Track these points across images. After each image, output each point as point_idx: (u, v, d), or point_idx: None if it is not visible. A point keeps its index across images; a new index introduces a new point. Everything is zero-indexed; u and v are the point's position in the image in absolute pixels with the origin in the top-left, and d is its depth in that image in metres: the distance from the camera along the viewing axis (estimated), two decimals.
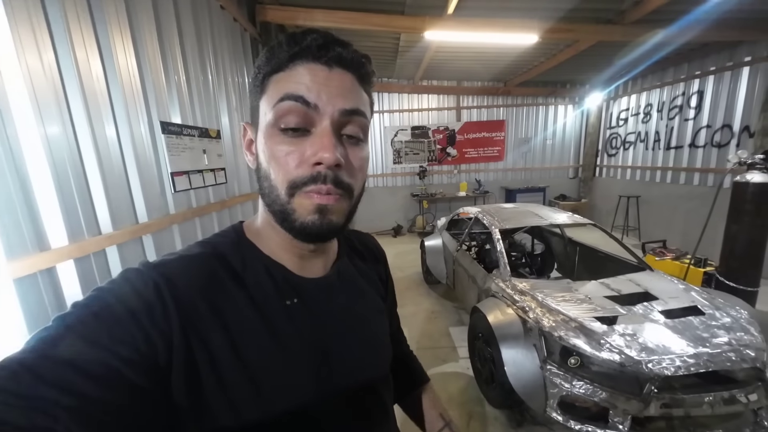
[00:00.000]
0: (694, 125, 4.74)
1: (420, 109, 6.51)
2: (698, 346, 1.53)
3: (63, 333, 0.30)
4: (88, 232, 1.36)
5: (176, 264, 0.39)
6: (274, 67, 0.39)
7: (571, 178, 7.24)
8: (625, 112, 6.10)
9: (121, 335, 0.31)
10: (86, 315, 0.32)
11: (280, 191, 0.38)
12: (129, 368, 0.30)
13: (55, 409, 0.26)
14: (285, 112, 0.37)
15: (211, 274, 0.40)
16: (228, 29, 2.73)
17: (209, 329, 0.37)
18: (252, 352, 0.38)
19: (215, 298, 0.38)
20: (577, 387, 1.57)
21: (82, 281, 1.31)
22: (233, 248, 0.43)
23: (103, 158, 1.44)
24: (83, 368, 0.29)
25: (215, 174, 2.35)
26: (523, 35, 3.50)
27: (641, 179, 5.72)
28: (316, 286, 0.46)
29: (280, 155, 0.38)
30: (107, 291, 0.34)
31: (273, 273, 0.43)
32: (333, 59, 0.39)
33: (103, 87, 1.47)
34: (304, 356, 0.42)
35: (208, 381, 0.36)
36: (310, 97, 0.37)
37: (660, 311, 1.78)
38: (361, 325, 0.50)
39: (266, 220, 0.44)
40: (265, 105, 0.39)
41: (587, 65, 5.28)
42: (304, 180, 0.37)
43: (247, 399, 0.37)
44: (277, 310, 0.42)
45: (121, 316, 0.32)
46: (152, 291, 0.35)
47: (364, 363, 0.48)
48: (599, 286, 2.10)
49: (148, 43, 1.76)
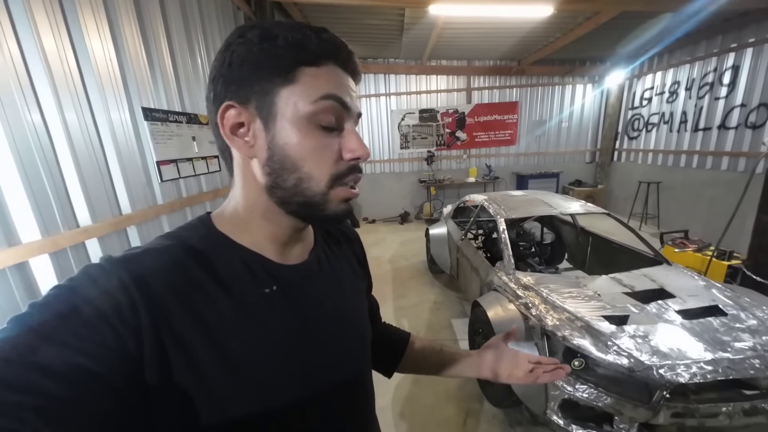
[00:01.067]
0: (726, 104, 4.35)
1: (428, 91, 6.23)
2: (717, 350, 1.39)
3: (21, 333, 0.29)
4: (63, 225, 1.31)
5: (142, 258, 0.37)
6: (303, 57, 0.38)
7: (587, 162, 6.89)
8: (649, 91, 5.67)
9: (85, 333, 0.30)
10: (47, 314, 0.30)
11: (319, 183, 0.39)
12: (98, 366, 0.29)
13: (20, 412, 0.25)
14: (326, 109, 0.38)
15: (180, 267, 0.38)
16: (219, 8, 2.59)
17: (183, 322, 0.35)
18: (230, 342, 0.37)
19: (186, 289, 0.37)
20: (580, 391, 1.47)
21: (59, 277, 1.27)
22: (203, 240, 0.41)
23: (78, 147, 1.38)
24: (47, 368, 0.27)
25: (207, 162, 2.28)
26: (537, 7, 3.22)
27: (663, 164, 5.36)
28: (295, 273, 0.46)
29: (319, 150, 0.39)
30: (68, 289, 0.32)
31: (249, 263, 0.42)
32: (352, 69, 0.42)
33: (75, 72, 1.39)
34: (285, 343, 0.41)
35: (185, 374, 0.35)
36: (347, 101, 0.40)
37: (676, 311, 1.63)
38: (340, 310, 0.50)
39: (257, 211, 0.42)
40: (297, 96, 0.38)
41: (608, 40, 4.88)
42: (345, 172, 0.41)
43: (226, 390, 0.37)
44: (255, 299, 0.41)
45: (84, 313, 0.31)
46: (118, 287, 0.33)
47: (346, 346, 0.49)
48: (610, 281, 1.96)
49: (125, 25, 1.66)
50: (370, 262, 0.65)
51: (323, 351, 0.45)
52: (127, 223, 1.60)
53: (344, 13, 3.77)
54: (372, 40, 4.75)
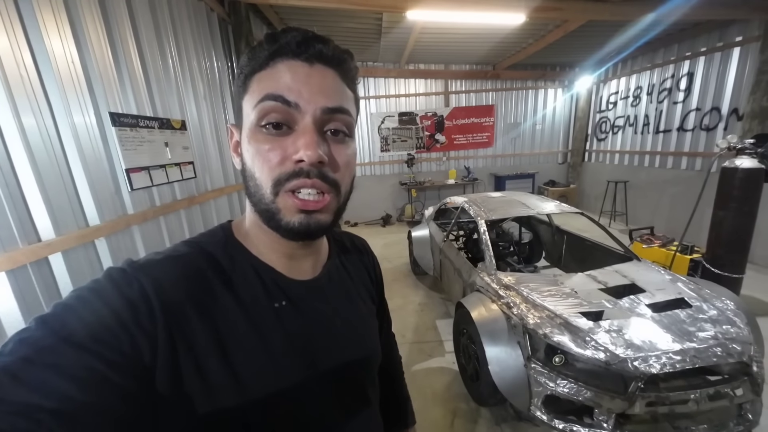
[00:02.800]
0: (683, 108, 4.67)
1: (407, 95, 6.30)
2: (685, 341, 1.48)
3: (44, 335, 0.29)
4: (22, 239, 1.21)
5: (162, 264, 0.38)
6: (255, 66, 0.38)
7: (560, 163, 7.18)
8: (614, 96, 6.00)
9: (104, 336, 0.30)
10: (68, 316, 0.31)
11: (265, 190, 0.38)
12: (113, 370, 0.30)
13: (37, 413, 0.26)
14: (266, 111, 0.37)
15: (198, 275, 0.39)
16: (191, 9, 2.50)
17: (195, 331, 0.36)
18: (239, 354, 0.38)
19: (202, 299, 0.37)
20: (561, 386, 1.52)
21: (18, 296, 1.18)
22: (221, 248, 0.42)
23: (37, 154, 1.28)
24: (66, 371, 0.28)
25: (181, 168, 2.19)
26: (510, 14, 3.33)
27: (629, 164, 5.69)
28: (306, 289, 0.46)
29: (263, 153, 0.37)
30: (90, 291, 0.33)
31: (261, 274, 0.42)
32: (313, 56, 0.38)
33: (33, 74, 1.30)
34: (293, 359, 0.42)
35: (194, 383, 0.35)
36: (290, 96, 0.36)
37: (647, 304, 1.73)
38: (349, 328, 0.49)
39: (253, 221, 0.43)
40: (248, 105, 0.39)
41: (576, 47, 5.13)
42: (287, 176, 0.37)
43: (233, 401, 0.37)
44: (266, 312, 0.41)
45: (104, 316, 0.31)
46: (137, 291, 0.34)
47: (351, 365, 0.48)
48: (586, 278, 2.04)
49: (89, 24, 1.56)
50: None
51: (329, 367, 0.45)
52: (95, 235, 1.50)
53: (321, 16, 3.74)
54: (350, 44, 4.74)
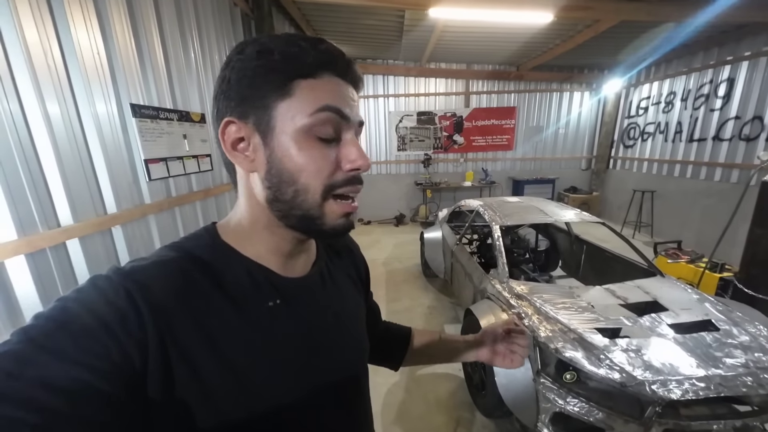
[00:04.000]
0: (721, 116, 4.39)
1: (427, 94, 6.21)
2: (710, 367, 1.38)
3: (25, 347, 0.28)
4: (42, 224, 1.25)
5: (149, 270, 0.37)
6: (300, 70, 0.37)
7: (583, 169, 6.92)
8: (645, 101, 5.71)
9: (91, 346, 0.29)
10: (51, 327, 0.30)
11: (312, 195, 0.39)
12: (102, 380, 0.29)
13: (22, 429, 0.25)
14: (324, 121, 0.38)
15: (186, 278, 0.38)
16: (215, 4, 2.54)
17: (187, 334, 0.35)
18: (235, 354, 0.38)
19: (193, 302, 0.37)
20: (571, 404, 1.45)
21: (36, 279, 1.22)
22: (209, 251, 0.42)
23: (60, 141, 1.32)
24: (51, 384, 0.27)
25: (198, 161, 2.23)
26: (537, 13, 3.21)
27: (658, 173, 5.40)
28: (298, 286, 0.46)
29: (317, 161, 0.38)
30: (73, 300, 0.32)
31: (254, 274, 0.42)
32: (353, 79, 0.41)
33: (60, 63, 1.34)
34: (288, 356, 0.42)
35: (189, 387, 0.35)
36: (346, 112, 0.39)
37: (669, 324, 1.62)
38: (342, 323, 0.50)
39: (260, 223, 0.43)
40: (295, 109, 0.38)
41: (607, 48, 4.90)
42: (341, 183, 0.40)
43: (229, 403, 0.37)
44: (260, 312, 0.41)
45: (90, 326, 0.30)
46: (124, 298, 0.33)
47: (346, 360, 0.49)
48: (604, 292, 1.94)
49: (115, 17, 1.60)
50: None
51: (324, 363, 0.46)
52: (112, 223, 1.55)
53: (344, 13, 3.73)
54: (371, 41, 4.71)
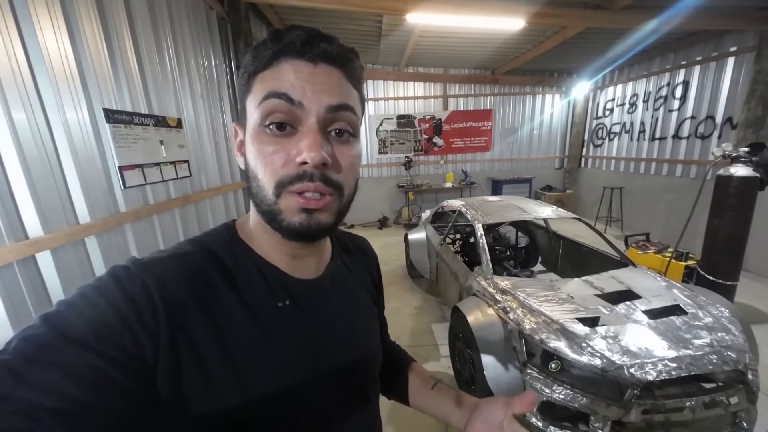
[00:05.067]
0: (679, 116, 4.72)
1: (406, 98, 6.31)
2: (680, 348, 1.48)
3: (47, 333, 0.29)
4: (9, 236, 1.18)
5: (166, 262, 0.38)
6: (259, 65, 0.38)
7: (557, 168, 7.22)
8: (611, 102, 6.05)
9: (107, 335, 0.30)
10: (71, 314, 0.31)
11: (268, 191, 0.38)
12: (115, 369, 0.30)
13: (38, 412, 0.26)
14: (270, 110, 0.36)
15: (202, 274, 0.38)
16: (190, 7, 2.48)
17: (198, 329, 0.36)
18: (242, 353, 0.38)
19: (206, 298, 0.37)
20: (557, 392, 1.50)
21: (3, 295, 1.15)
22: (225, 247, 0.42)
23: (27, 149, 1.25)
24: (68, 370, 0.28)
25: (176, 167, 2.16)
26: (510, 20, 3.35)
27: (625, 170, 5.73)
28: (309, 288, 0.46)
29: (266, 154, 0.37)
30: (94, 289, 0.33)
31: (265, 274, 0.42)
32: (317, 55, 0.37)
33: (25, 68, 1.27)
34: (295, 358, 0.42)
35: (196, 382, 0.35)
36: (294, 94, 0.36)
37: (643, 311, 1.72)
38: (351, 328, 0.49)
39: (257, 221, 0.43)
40: (251, 104, 0.38)
41: (575, 53, 5.17)
42: (291, 178, 0.36)
43: (235, 400, 0.37)
44: (269, 312, 0.41)
45: (107, 315, 0.31)
46: (140, 290, 0.34)
47: (354, 366, 0.49)
48: (582, 284, 2.04)
49: (84, 20, 1.54)
50: None
51: (331, 367, 0.45)
52: (86, 233, 1.47)
53: (321, 17, 3.74)
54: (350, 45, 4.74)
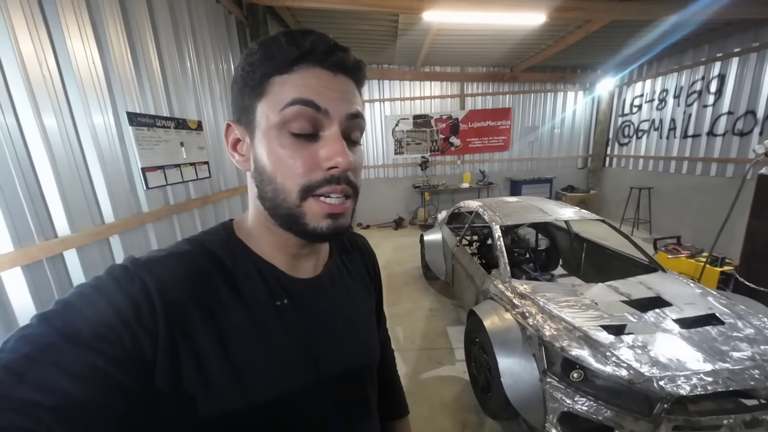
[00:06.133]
0: (714, 112, 4.43)
1: (422, 97, 6.25)
2: (717, 361, 1.37)
3: (45, 331, 0.29)
4: (39, 235, 1.24)
5: (164, 261, 0.38)
6: (276, 67, 0.37)
7: (579, 168, 6.96)
8: (639, 99, 5.77)
9: (106, 334, 0.30)
10: (69, 313, 0.31)
11: (290, 195, 0.38)
12: (114, 368, 0.30)
13: (37, 410, 0.26)
14: (295, 116, 0.37)
15: (200, 273, 0.39)
16: (210, 12, 2.55)
17: (197, 328, 0.36)
18: (240, 352, 0.38)
19: (204, 296, 0.38)
20: (579, 403, 1.43)
21: (33, 291, 1.20)
22: (223, 247, 0.42)
23: (56, 153, 1.31)
24: (67, 368, 0.28)
25: (196, 168, 2.22)
26: (530, 15, 3.25)
27: (654, 170, 5.44)
28: (307, 287, 0.46)
29: (290, 159, 0.37)
30: (92, 288, 0.33)
31: (264, 273, 0.43)
32: (337, 65, 0.38)
33: (56, 74, 1.33)
34: (294, 357, 0.42)
35: (194, 380, 0.35)
36: (320, 102, 0.37)
37: (674, 319, 1.62)
38: (350, 327, 0.50)
39: (260, 221, 0.43)
40: (268, 107, 0.38)
41: (599, 48, 4.95)
42: (319, 183, 0.38)
43: (234, 398, 0.37)
44: (268, 310, 0.41)
45: (106, 314, 0.31)
46: (139, 289, 0.34)
47: (352, 364, 0.49)
48: (607, 289, 1.94)
49: (110, 27, 1.60)
50: None
51: (329, 367, 0.45)
52: (109, 232, 1.53)
53: (338, 19, 3.76)
54: (365, 46, 4.74)
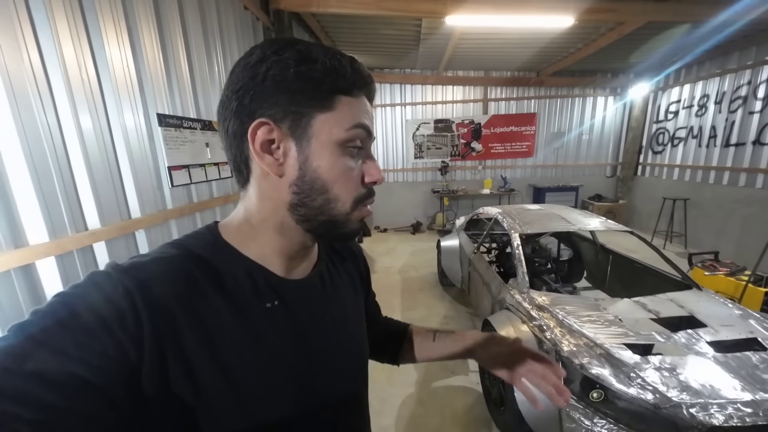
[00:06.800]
0: (761, 119, 4.11)
1: (444, 102, 6.20)
2: (758, 390, 1.25)
3: (23, 343, 0.28)
4: (71, 228, 1.32)
5: (148, 266, 0.37)
6: (342, 87, 0.40)
7: (608, 176, 6.65)
8: (675, 105, 5.44)
9: (88, 343, 0.30)
10: (49, 322, 0.30)
11: (345, 204, 0.41)
12: (98, 376, 0.29)
13: (16, 423, 0.25)
14: (356, 137, 0.41)
15: (186, 277, 0.38)
16: (238, 18, 2.65)
17: (184, 333, 0.35)
18: (231, 356, 0.37)
19: (190, 300, 0.37)
20: (599, 426, 1.35)
21: (64, 280, 1.27)
22: (209, 249, 0.42)
23: (90, 150, 1.39)
24: (48, 379, 0.27)
25: (219, 168, 2.30)
26: (558, 17, 3.15)
27: (691, 180, 5.10)
28: (297, 288, 0.46)
29: (348, 173, 0.41)
30: (72, 296, 0.32)
31: (253, 275, 0.42)
32: (371, 95, 0.45)
33: (93, 77, 1.42)
34: (285, 358, 0.42)
35: (184, 386, 0.34)
36: (371, 128, 0.43)
37: (708, 342, 1.49)
38: (340, 327, 0.50)
39: (268, 224, 0.43)
40: (332, 122, 0.39)
41: (632, 51, 4.73)
42: (367, 194, 0.43)
43: (225, 402, 0.36)
44: (257, 313, 0.41)
45: (88, 322, 0.30)
46: (122, 296, 0.33)
47: (343, 364, 0.49)
48: (633, 305, 1.82)
49: (145, 33, 1.70)
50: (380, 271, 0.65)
51: (321, 368, 0.46)
52: (136, 227, 1.61)
53: (362, 24, 3.81)
54: (389, 50, 4.77)
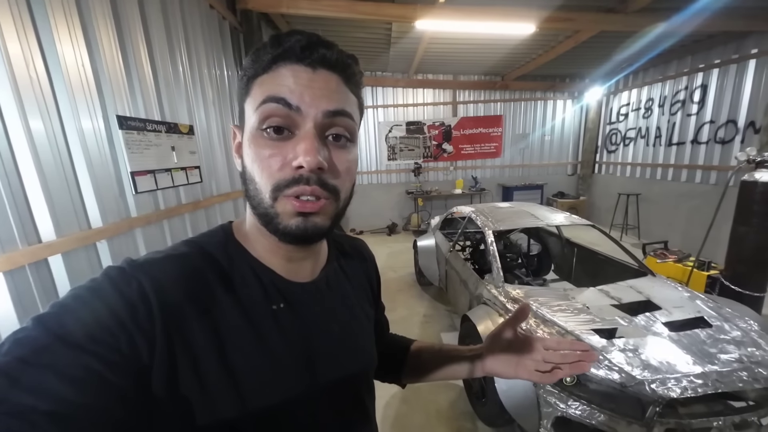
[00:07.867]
0: (697, 121, 4.58)
1: (415, 104, 6.32)
2: (706, 363, 1.39)
3: (40, 335, 0.29)
4: (22, 240, 1.20)
5: (162, 263, 0.37)
6: (258, 69, 0.38)
7: (569, 175, 7.09)
8: (625, 107, 5.93)
9: (102, 336, 0.30)
10: (65, 315, 0.30)
11: (264, 194, 0.38)
12: (110, 371, 0.29)
13: (32, 414, 0.25)
14: (267, 114, 0.37)
15: (197, 275, 0.38)
16: (204, 17, 2.54)
17: (194, 331, 0.36)
18: (237, 356, 0.38)
19: (201, 299, 0.37)
20: (573, 408, 1.43)
21: (15, 298, 1.16)
22: (221, 249, 0.42)
23: (43, 156, 1.28)
24: (62, 371, 0.27)
25: (187, 173, 2.19)
26: (520, 25, 3.33)
27: (641, 176, 5.57)
28: (304, 291, 0.45)
29: (263, 158, 0.37)
30: (87, 290, 0.33)
31: (261, 276, 0.42)
32: (317, 60, 0.38)
33: (44, 77, 1.31)
34: (289, 362, 0.41)
35: (190, 384, 0.35)
36: (291, 99, 0.36)
37: (663, 323, 1.64)
38: (347, 332, 0.49)
39: (253, 223, 0.43)
40: (249, 107, 0.39)
41: (587, 58, 5.10)
42: (287, 182, 0.37)
43: (229, 403, 0.37)
44: (264, 314, 0.41)
45: (102, 316, 0.31)
46: (135, 290, 0.33)
47: (348, 370, 0.48)
48: (598, 293, 1.96)
49: (102, 31, 1.58)
50: None
51: (325, 372, 0.45)
52: (97, 237, 1.49)
53: (332, 26, 3.79)
54: (359, 53, 4.78)
